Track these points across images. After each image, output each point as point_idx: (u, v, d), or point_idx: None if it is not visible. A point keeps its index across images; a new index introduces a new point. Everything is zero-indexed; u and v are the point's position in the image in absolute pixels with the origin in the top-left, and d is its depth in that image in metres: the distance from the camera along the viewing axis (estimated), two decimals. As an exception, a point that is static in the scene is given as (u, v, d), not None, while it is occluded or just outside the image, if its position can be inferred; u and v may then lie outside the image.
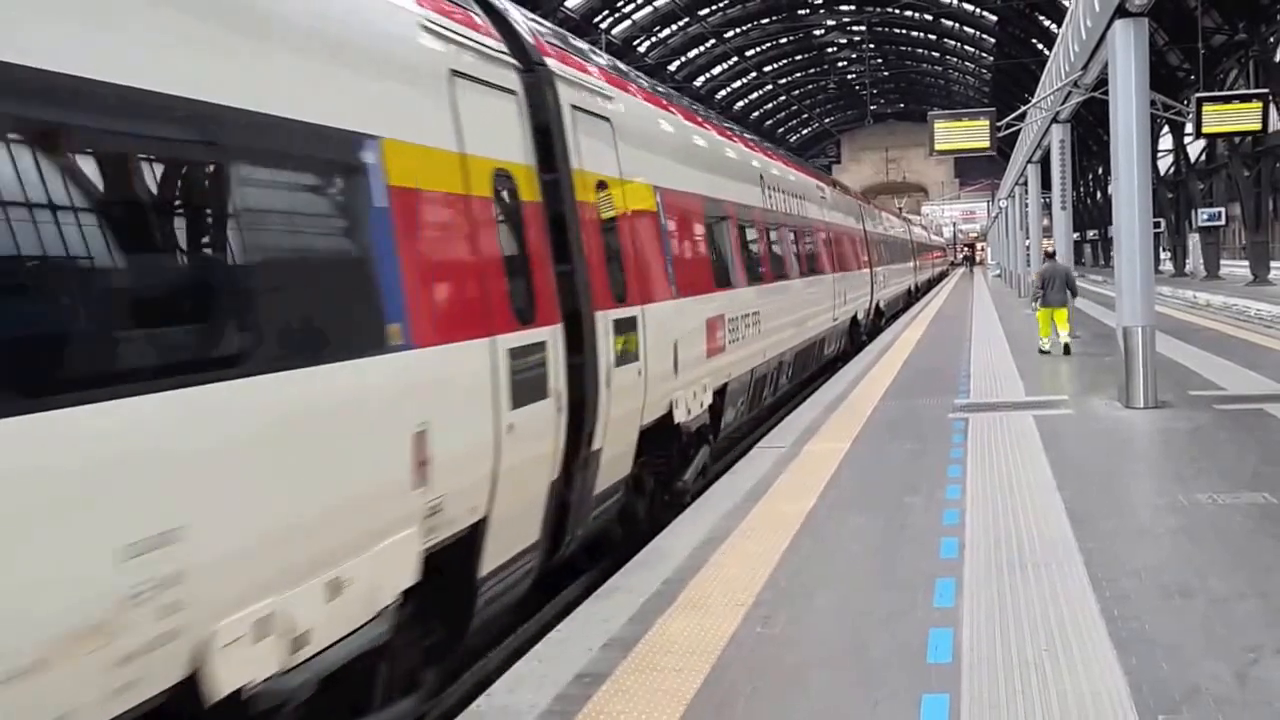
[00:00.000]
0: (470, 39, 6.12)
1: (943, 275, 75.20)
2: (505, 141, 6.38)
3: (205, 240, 4.02)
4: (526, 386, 6.09)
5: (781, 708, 4.75)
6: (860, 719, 4.59)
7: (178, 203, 3.92)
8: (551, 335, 6.54)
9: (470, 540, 5.66)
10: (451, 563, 5.49)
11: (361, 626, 4.59)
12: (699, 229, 10.74)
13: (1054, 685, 4.81)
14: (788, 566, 6.84)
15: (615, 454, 7.81)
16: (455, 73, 5.81)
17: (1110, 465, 9.67)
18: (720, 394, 11.00)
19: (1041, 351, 19.36)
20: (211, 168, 3.97)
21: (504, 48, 6.64)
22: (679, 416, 9.28)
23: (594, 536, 8.19)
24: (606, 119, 8.26)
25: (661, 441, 9.13)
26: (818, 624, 5.83)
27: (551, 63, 7.33)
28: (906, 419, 12.59)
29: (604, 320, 7.47)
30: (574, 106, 7.52)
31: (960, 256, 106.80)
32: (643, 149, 9.16)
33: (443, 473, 5.11)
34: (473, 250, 5.75)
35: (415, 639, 5.40)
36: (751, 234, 13.50)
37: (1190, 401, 12.89)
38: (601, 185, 7.88)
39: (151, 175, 3.77)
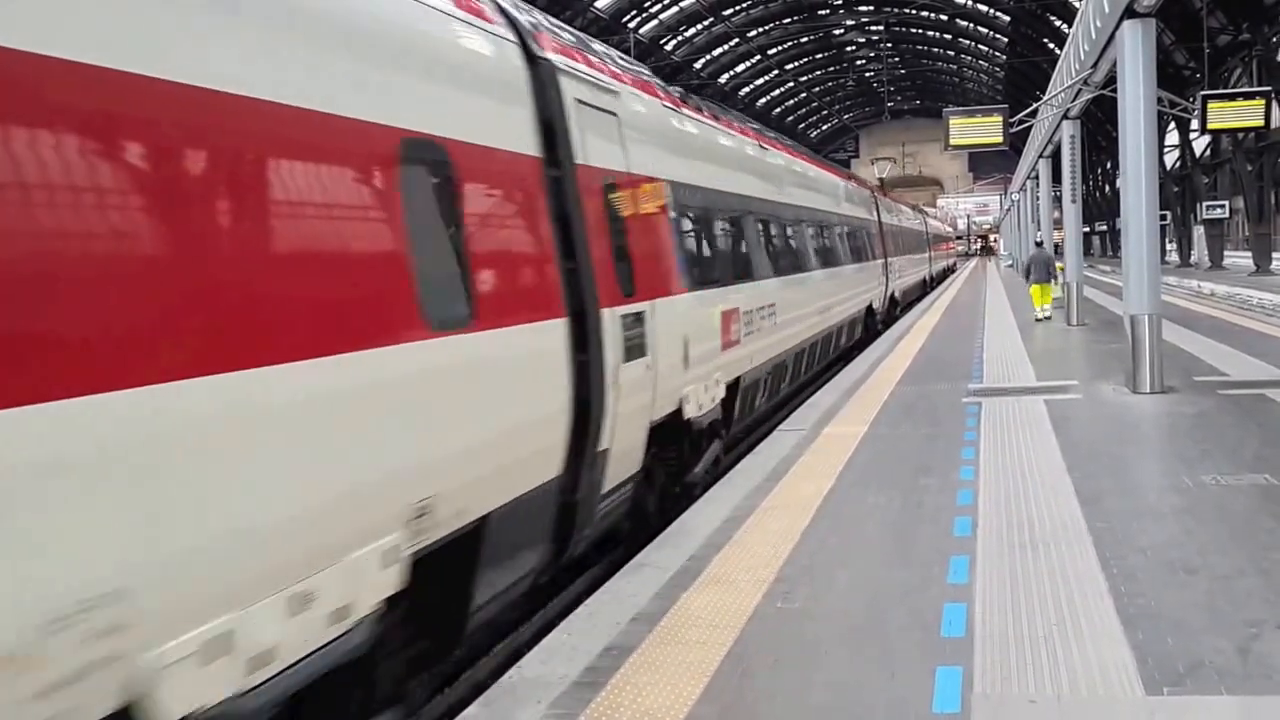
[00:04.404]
0: None
1: (946, 274, 58.06)
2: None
3: None
4: None
5: (802, 679, 4.74)
6: (877, 689, 4.58)
7: None
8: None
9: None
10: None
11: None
12: None
13: (1063, 658, 4.78)
14: (807, 544, 6.83)
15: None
16: None
17: (1118, 448, 9.59)
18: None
19: (1037, 319, 23.35)
20: None
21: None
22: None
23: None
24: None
25: None
26: (837, 599, 5.81)
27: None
28: (922, 403, 12.52)
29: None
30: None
31: (977, 248, 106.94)
32: None
33: None
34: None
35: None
36: None
37: (1195, 387, 12.77)
38: None
39: None
